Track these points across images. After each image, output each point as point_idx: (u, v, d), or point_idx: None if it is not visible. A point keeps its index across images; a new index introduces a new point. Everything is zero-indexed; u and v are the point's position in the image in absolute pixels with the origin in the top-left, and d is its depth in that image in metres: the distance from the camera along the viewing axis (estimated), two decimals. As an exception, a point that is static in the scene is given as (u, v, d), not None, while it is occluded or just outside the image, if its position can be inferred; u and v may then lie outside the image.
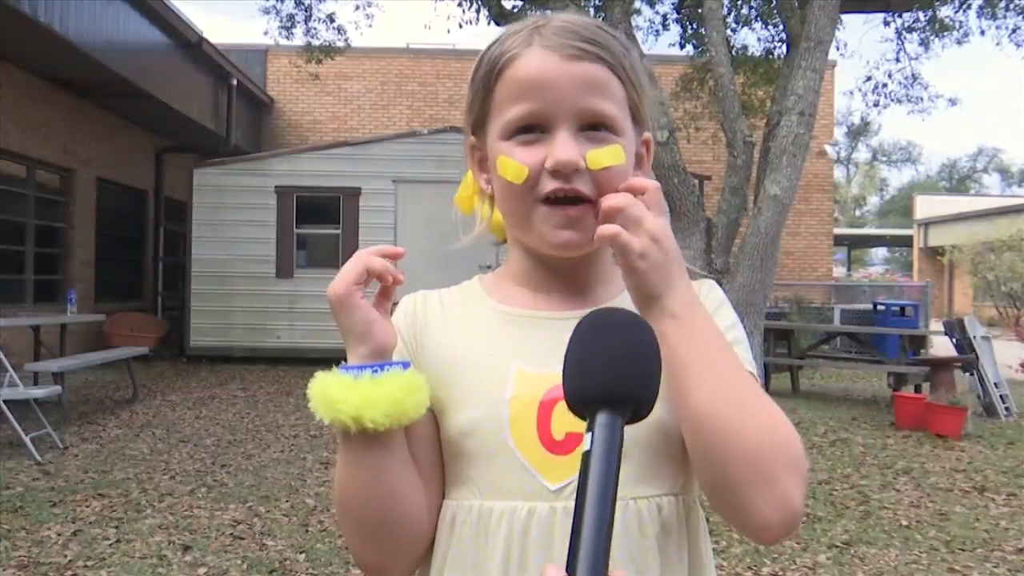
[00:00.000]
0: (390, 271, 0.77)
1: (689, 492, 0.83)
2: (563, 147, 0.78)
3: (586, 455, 0.59)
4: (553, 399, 0.80)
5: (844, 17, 9.77)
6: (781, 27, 10.05)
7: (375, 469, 0.77)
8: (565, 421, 0.79)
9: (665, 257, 0.74)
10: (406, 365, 0.78)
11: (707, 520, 0.87)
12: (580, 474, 0.59)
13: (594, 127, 0.80)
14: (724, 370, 0.74)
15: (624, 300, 0.81)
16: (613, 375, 0.62)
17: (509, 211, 0.85)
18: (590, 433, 0.60)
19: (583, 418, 0.63)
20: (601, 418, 0.61)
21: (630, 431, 0.64)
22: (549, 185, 0.79)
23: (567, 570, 0.54)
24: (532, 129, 0.81)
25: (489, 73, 0.83)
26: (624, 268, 0.74)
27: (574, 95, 0.79)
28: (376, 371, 0.75)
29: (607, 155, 0.79)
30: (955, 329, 7.84)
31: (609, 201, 0.75)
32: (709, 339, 0.75)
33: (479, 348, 0.85)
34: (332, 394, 0.74)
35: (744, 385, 0.75)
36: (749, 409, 0.73)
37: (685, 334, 0.74)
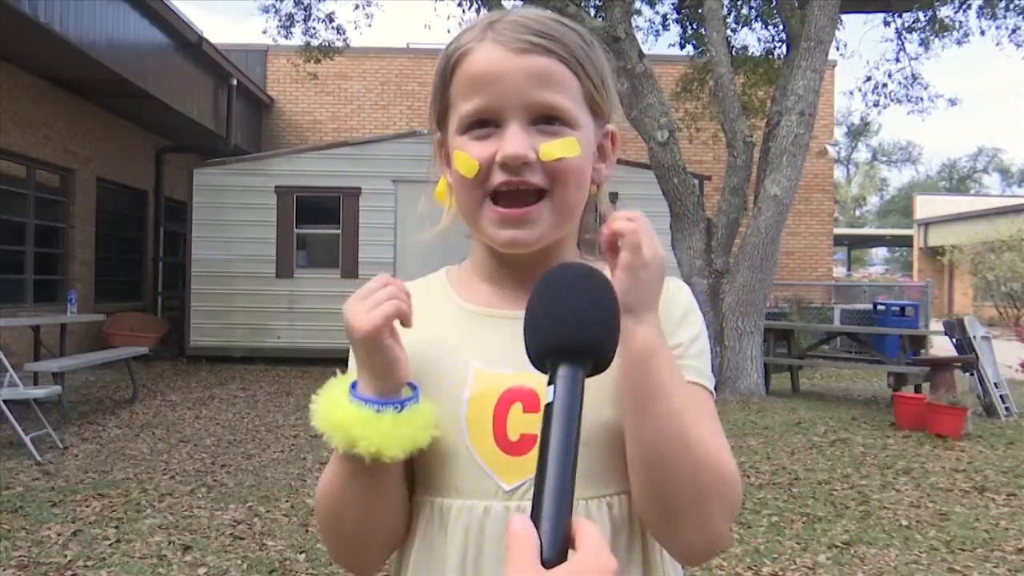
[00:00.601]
0: (411, 314, 0.77)
1: None
2: (512, 140, 0.79)
3: (548, 407, 0.59)
4: (510, 399, 0.81)
5: (844, 17, 9.77)
6: (781, 27, 10.05)
7: (376, 490, 0.79)
8: (520, 422, 0.81)
9: (657, 279, 0.75)
10: (416, 392, 0.78)
11: None
12: (542, 425, 0.58)
13: (547, 120, 0.80)
14: (684, 400, 0.75)
15: None
16: (572, 327, 0.62)
17: (462, 206, 0.86)
18: (552, 386, 0.60)
19: (544, 371, 0.62)
20: (562, 370, 0.60)
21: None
22: (498, 178, 0.80)
23: (531, 518, 0.54)
24: (486, 123, 0.81)
25: (445, 69, 0.85)
26: (625, 268, 0.73)
27: (524, 88, 0.79)
28: (398, 408, 0.75)
29: (560, 147, 0.80)
30: (955, 329, 7.84)
31: (615, 224, 0.75)
32: (674, 366, 0.76)
33: (440, 346, 0.86)
34: (353, 431, 0.74)
35: (700, 418, 0.76)
36: (702, 447, 0.74)
37: (662, 358, 0.74)
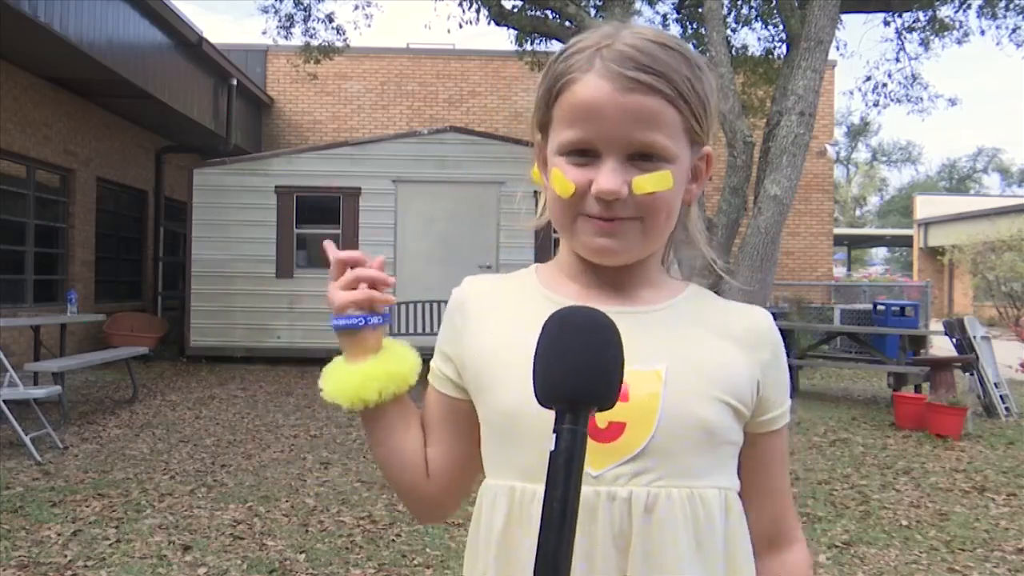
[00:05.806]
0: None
1: (731, 488, 0.87)
2: (607, 176, 0.82)
3: (553, 455, 0.63)
4: None
5: (844, 17, 9.76)
6: (781, 27, 10.04)
7: (376, 438, 0.96)
8: (608, 411, 0.83)
9: None
10: (385, 318, 0.92)
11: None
12: (548, 474, 0.63)
13: (644, 155, 0.83)
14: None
15: (672, 308, 0.89)
16: (578, 377, 0.65)
17: (555, 217, 0.90)
18: (556, 435, 0.64)
19: (550, 408, 0.66)
20: (567, 422, 0.64)
21: (670, 430, 0.80)
22: (592, 208, 0.84)
23: (534, 569, 0.60)
24: (585, 152, 0.84)
25: (551, 88, 0.87)
26: None
27: (624, 127, 0.81)
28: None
29: (652, 181, 0.82)
30: (955, 329, 7.84)
31: None
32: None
33: (529, 335, 0.87)
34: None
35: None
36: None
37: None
